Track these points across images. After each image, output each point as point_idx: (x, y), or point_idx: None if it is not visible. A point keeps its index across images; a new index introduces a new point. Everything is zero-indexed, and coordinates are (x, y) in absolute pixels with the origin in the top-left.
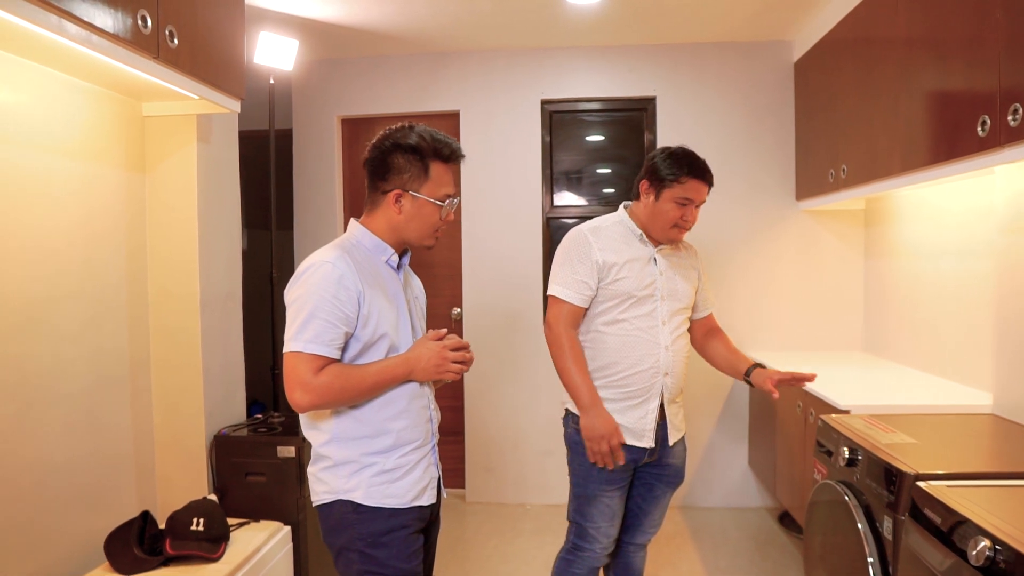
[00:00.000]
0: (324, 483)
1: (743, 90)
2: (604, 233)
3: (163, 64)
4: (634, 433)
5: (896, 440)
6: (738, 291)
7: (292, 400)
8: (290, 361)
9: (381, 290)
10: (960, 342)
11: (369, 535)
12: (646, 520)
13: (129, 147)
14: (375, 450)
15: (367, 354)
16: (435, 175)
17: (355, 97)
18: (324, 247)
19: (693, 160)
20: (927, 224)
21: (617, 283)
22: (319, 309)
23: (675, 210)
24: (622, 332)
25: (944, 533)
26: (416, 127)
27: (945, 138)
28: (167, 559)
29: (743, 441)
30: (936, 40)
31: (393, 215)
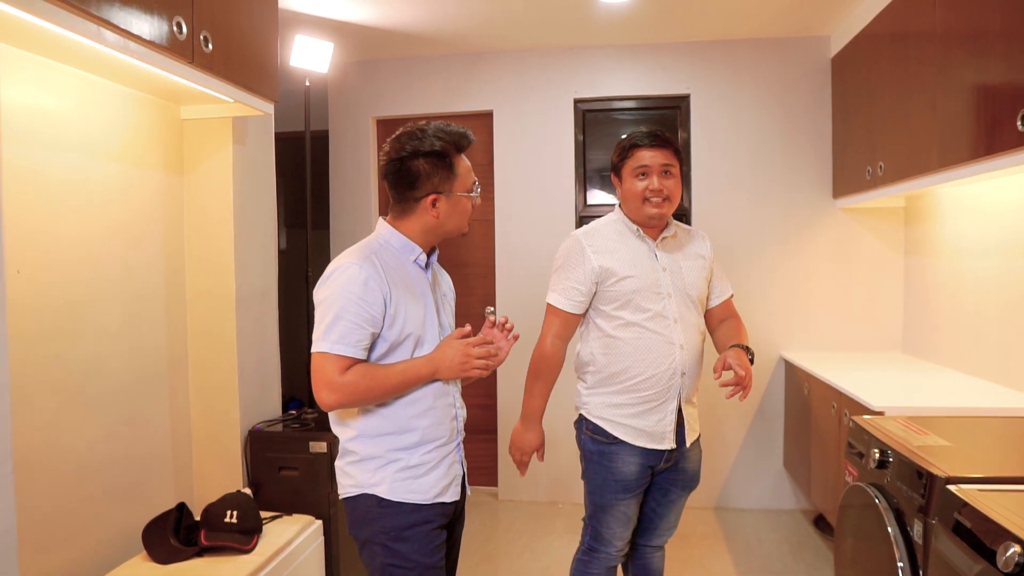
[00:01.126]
0: (350, 477)
1: (778, 87)
2: (599, 234)
3: (198, 68)
4: (653, 437)
5: (929, 442)
6: (775, 291)
7: (319, 399)
8: (317, 361)
9: (408, 289)
10: (1003, 342)
11: (392, 529)
12: (662, 523)
13: (168, 150)
14: (400, 446)
15: (394, 353)
16: (460, 170)
17: (389, 98)
18: (351, 248)
19: (640, 130)
20: (969, 221)
21: (622, 283)
22: (345, 311)
23: (639, 183)
24: (635, 336)
25: (974, 538)
26: (428, 129)
27: (984, 133)
28: (201, 550)
29: (778, 442)
30: (974, 33)
31: (429, 219)
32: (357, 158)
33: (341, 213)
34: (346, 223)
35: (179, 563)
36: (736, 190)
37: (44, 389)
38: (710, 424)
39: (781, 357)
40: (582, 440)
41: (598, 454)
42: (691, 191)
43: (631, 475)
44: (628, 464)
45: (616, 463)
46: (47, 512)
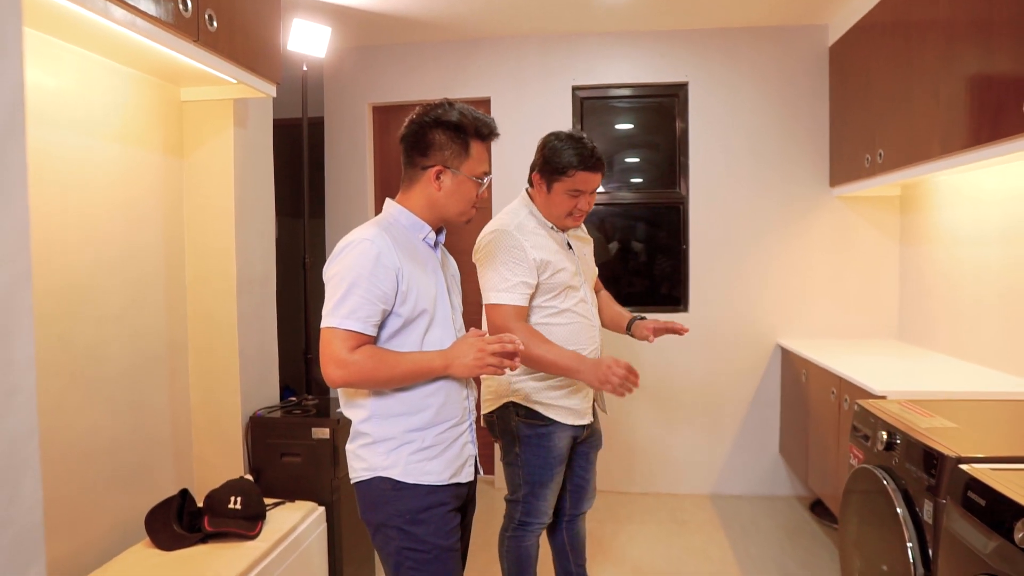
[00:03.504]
0: (363, 460)
1: (776, 75)
2: (529, 230)
3: (202, 47)
4: (579, 413)
5: (936, 424)
6: (771, 279)
7: (326, 374)
8: (326, 336)
9: (420, 267)
10: (1001, 329)
11: (408, 511)
12: (588, 487)
13: (168, 132)
14: (414, 427)
15: (407, 330)
16: (475, 153)
17: (386, 84)
18: (362, 225)
19: (582, 151)
20: (966, 210)
21: (555, 276)
22: (356, 286)
23: (568, 200)
24: (568, 321)
25: (989, 516)
26: (456, 104)
27: (988, 119)
28: (205, 536)
29: (774, 429)
30: (979, 21)
31: (433, 192)
32: (353, 145)
33: (337, 201)
34: (342, 212)
35: (183, 549)
36: (734, 179)
37: (47, 372)
38: (706, 412)
39: (778, 344)
40: (513, 427)
41: (535, 436)
42: (689, 180)
43: (565, 449)
44: (562, 440)
45: (553, 441)
46: (50, 499)
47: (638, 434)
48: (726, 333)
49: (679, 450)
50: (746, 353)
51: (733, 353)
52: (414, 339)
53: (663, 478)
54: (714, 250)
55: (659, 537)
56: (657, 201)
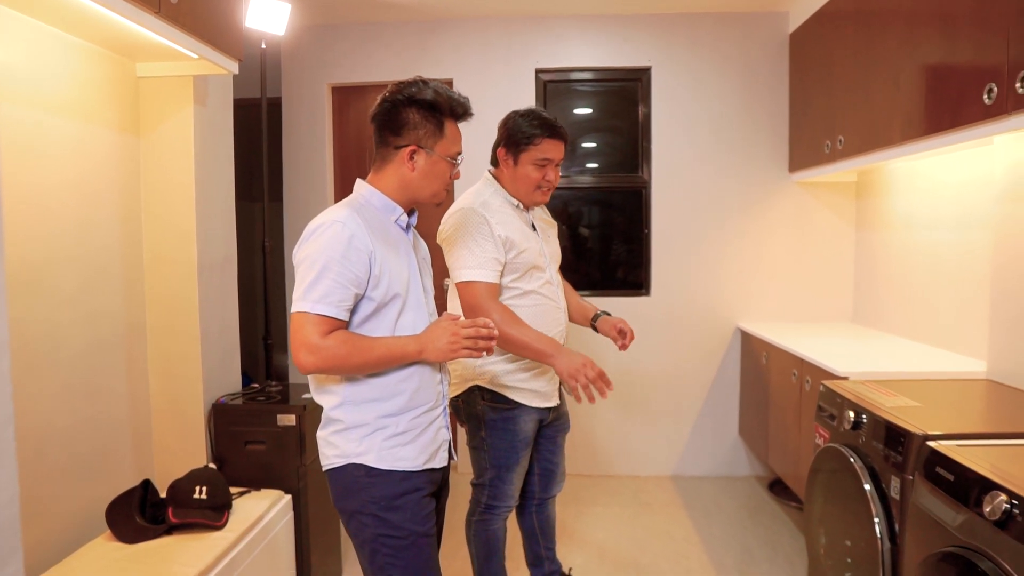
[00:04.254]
0: (335, 447)
1: (738, 61)
2: (494, 208)
3: (164, 20)
4: (545, 396)
5: (900, 404)
6: (732, 263)
7: (297, 360)
8: (297, 321)
9: (392, 249)
10: (954, 311)
11: (383, 498)
12: (557, 471)
13: (122, 108)
14: (387, 412)
15: (380, 314)
16: (449, 133)
17: (346, 64)
18: (333, 206)
19: (545, 120)
20: (921, 196)
21: (521, 255)
22: (328, 269)
23: (536, 172)
24: (533, 303)
25: (958, 490)
26: (431, 82)
27: (949, 107)
28: (170, 527)
29: (734, 411)
30: (941, 11)
31: (406, 172)
32: (312, 127)
33: (295, 184)
34: (300, 195)
35: (147, 542)
36: (696, 164)
37: None
38: (668, 395)
39: (738, 327)
40: (479, 411)
41: (501, 420)
42: (651, 164)
43: (531, 432)
44: (528, 423)
45: (519, 425)
46: None
47: (600, 417)
48: (687, 316)
49: (641, 433)
50: (707, 336)
51: (694, 336)
52: (387, 323)
53: (626, 460)
54: (676, 235)
55: (623, 519)
56: (620, 186)
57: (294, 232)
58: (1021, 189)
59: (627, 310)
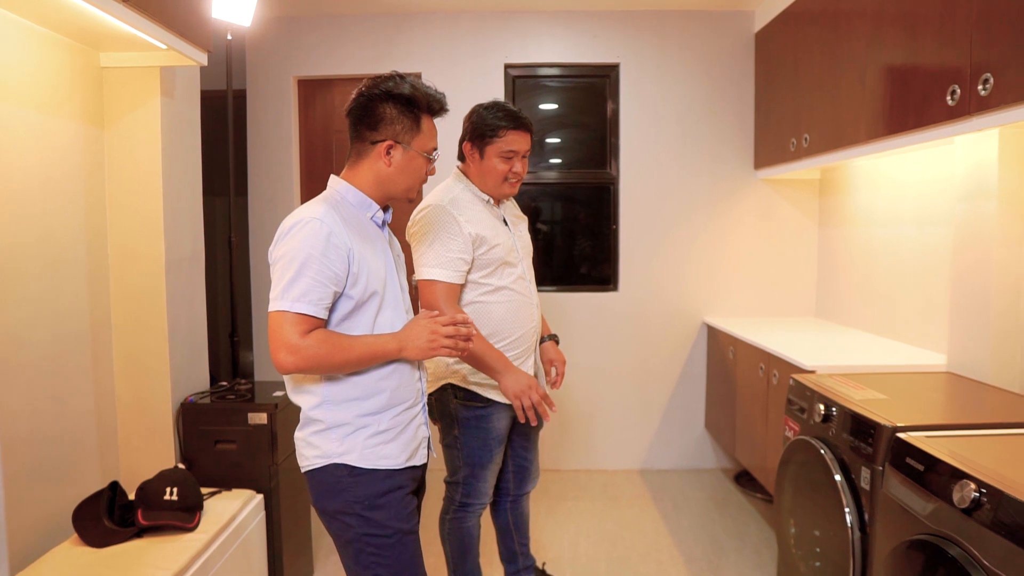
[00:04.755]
0: (315, 447)
1: (705, 59)
2: (463, 205)
3: (132, 8)
4: None
5: (868, 396)
6: (697, 258)
7: (276, 360)
8: (275, 320)
9: (369, 247)
10: (915, 306)
11: (366, 497)
12: (531, 467)
13: (85, 99)
14: (368, 411)
15: (359, 312)
16: (425, 128)
17: (312, 57)
18: (310, 202)
19: (510, 111)
20: (883, 194)
21: (492, 251)
22: (307, 267)
23: (502, 164)
24: (505, 299)
25: (927, 480)
26: (408, 78)
27: (914, 107)
28: (140, 530)
29: (700, 405)
30: (906, 13)
31: (382, 167)
32: (278, 120)
33: (260, 179)
34: (265, 190)
35: (117, 545)
36: (663, 160)
37: None
38: (635, 390)
39: (704, 322)
40: (452, 409)
41: (475, 419)
42: (619, 160)
43: (504, 429)
44: (501, 421)
45: (492, 423)
46: None
47: (569, 413)
48: (654, 312)
49: (609, 428)
50: (673, 331)
51: (661, 331)
52: (366, 321)
53: (594, 455)
54: (643, 230)
55: (593, 512)
56: (588, 181)
57: (258, 228)
58: (981, 189)
59: (595, 305)
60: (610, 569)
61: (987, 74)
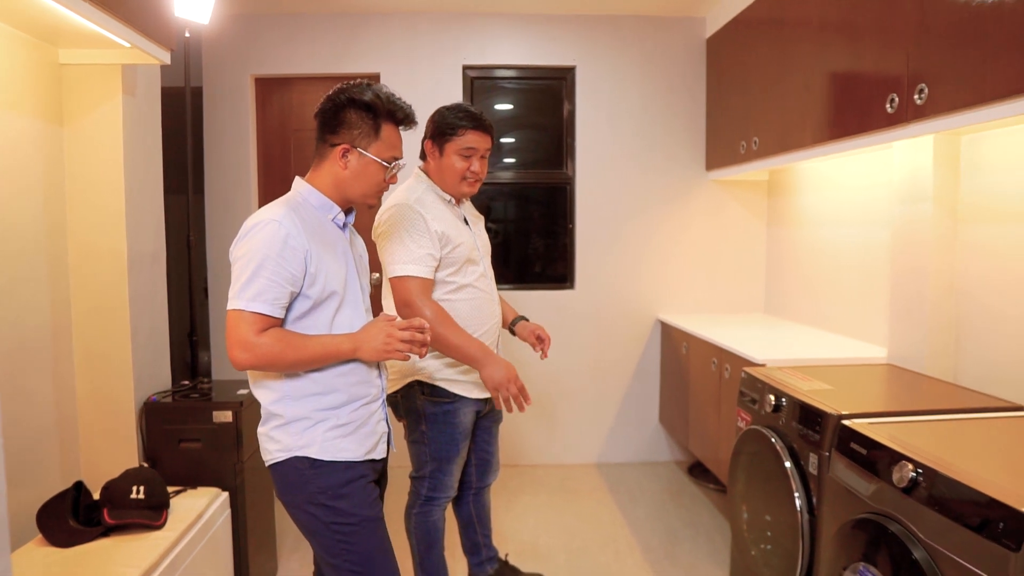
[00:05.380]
0: (277, 441)
1: (658, 63)
2: (428, 203)
3: (97, 6)
4: (481, 387)
5: (815, 387)
6: (650, 256)
7: (232, 357)
8: (232, 319)
9: (329, 248)
10: (856, 302)
11: (329, 488)
12: (493, 460)
13: (43, 96)
14: (327, 406)
15: (317, 311)
16: (385, 136)
17: (270, 55)
18: (270, 204)
19: (470, 112)
20: (827, 196)
21: (456, 250)
22: (263, 267)
23: (461, 162)
24: (470, 296)
25: (870, 463)
26: (374, 86)
27: (856, 113)
28: (107, 529)
29: (654, 399)
30: (849, 23)
31: (338, 170)
32: (235, 118)
33: (217, 177)
34: (222, 188)
35: (83, 545)
36: (618, 160)
37: None
38: (591, 385)
39: (657, 319)
40: (419, 406)
41: (441, 414)
42: (575, 160)
43: (469, 424)
44: (467, 415)
45: (458, 417)
46: None
47: (527, 408)
48: (610, 309)
49: (566, 422)
50: (628, 328)
51: (616, 328)
52: (324, 320)
53: (552, 450)
54: (599, 229)
55: (552, 505)
56: (545, 181)
57: (215, 226)
58: (917, 191)
59: (552, 303)
60: (570, 559)
61: (922, 84)
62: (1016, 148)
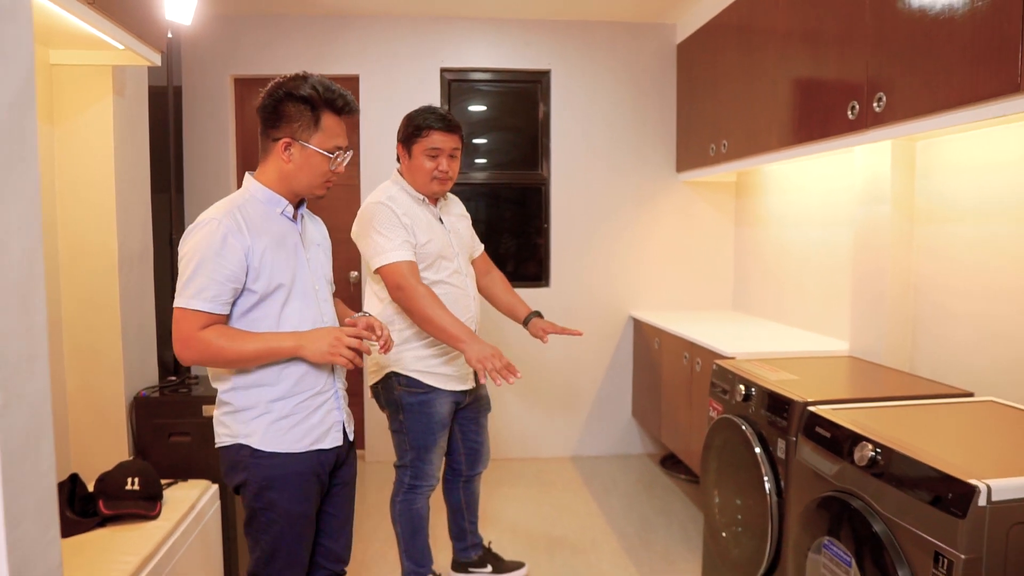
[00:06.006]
0: (225, 427)
1: (631, 68)
2: (400, 203)
3: (94, 9)
4: (459, 379)
5: (782, 377)
6: (623, 255)
7: (176, 353)
8: (176, 315)
9: (277, 243)
10: (820, 299)
11: (264, 478)
12: (483, 449)
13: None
14: (274, 397)
15: (264, 304)
16: (326, 126)
17: (250, 56)
18: (216, 203)
19: (435, 112)
20: (792, 198)
21: (426, 246)
22: (203, 266)
23: (429, 162)
24: (442, 292)
25: (833, 445)
26: (311, 77)
27: (820, 119)
28: (103, 520)
29: (627, 394)
30: (812, 33)
31: (283, 164)
32: (216, 118)
33: (196, 176)
34: (202, 186)
35: (80, 535)
36: (591, 163)
37: None
38: (566, 381)
39: (630, 316)
40: (396, 396)
41: (417, 404)
42: (551, 161)
43: (447, 414)
44: (443, 405)
45: (434, 407)
46: None
47: (503, 403)
48: (584, 306)
49: (541, 417)
50: (602, 325)
51: (590, 325)
52: (272, 312)
53: (527, 443)
54: (573, 229)
55: (529, 497)
56: (521, 182)
57: None
58: (876, 194)
59: (528, 301)
60: (550, 547)
61: (880, 93)
62: (965, 153)
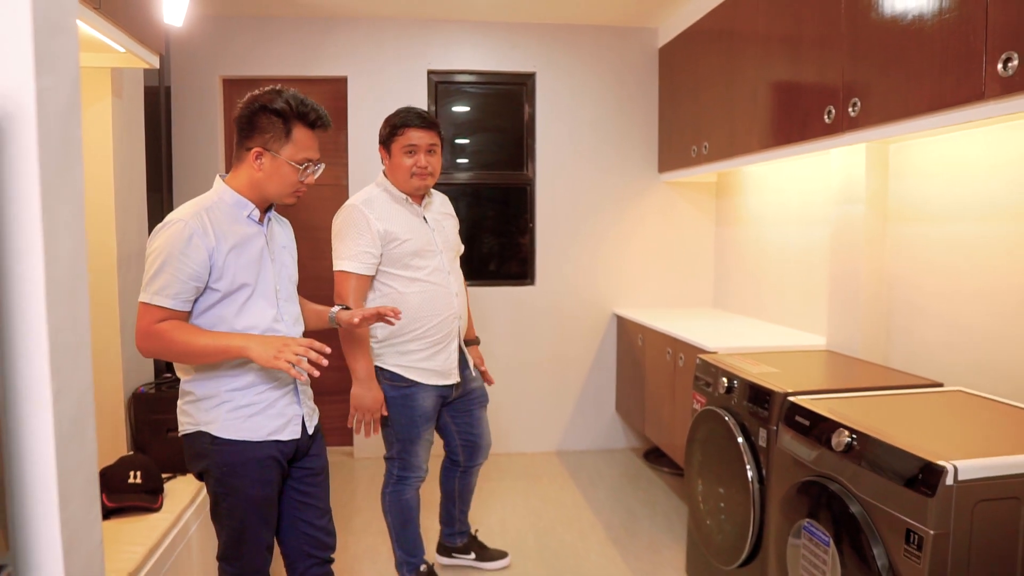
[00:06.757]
0: (188, 415)
1: (614, 71)
2: (376, 204)
3: (103, 16)
4: (442, 374)
5: (764, 370)
6: (606, 254)
7: (136, 344)
8: (139, 310)
9: (242, 244)
10: (799, 296)
11: (224, 464)
12: (481, 442)
13: None
14: (233, 387)
15: (226, 301)
16: (297, 139)
17: (239, 57)
18: (184, 204)
19: (411, 111)
20: (771, 198)
21: (403, 245)
22: (166, 265)
23: (407, 159)
24: (420, 289)
25: (812, 432)
26: (285, 91)
27: (798, 123)
28: (107, 512)
29: (611, 390)
30: (791, 38)
31: (253, 172)
32: (204, 119)
33: (186, 176)
34: (190, 186)
35: None
36: (576, 162)
37: None
38: (552, 377)
39: (614, 313)
40: (382, 389)
41: (400, 398)
42: (536, 162)
43: (431, 407)
44: (427, 399)
45: (418, 401)
46: None
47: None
48: (568, 304)
49: (527, 413)
50: (586, 322)
51: (575, 322)
52: (233, 309)
53: (514, 438)
54: (558, 228)
55: (517, 490)
56: (507, 182)
57: None
58: (851, 194)
59: (513, 299)
60: (538, 537)
61: (855, 98)
62: (935, 156)
